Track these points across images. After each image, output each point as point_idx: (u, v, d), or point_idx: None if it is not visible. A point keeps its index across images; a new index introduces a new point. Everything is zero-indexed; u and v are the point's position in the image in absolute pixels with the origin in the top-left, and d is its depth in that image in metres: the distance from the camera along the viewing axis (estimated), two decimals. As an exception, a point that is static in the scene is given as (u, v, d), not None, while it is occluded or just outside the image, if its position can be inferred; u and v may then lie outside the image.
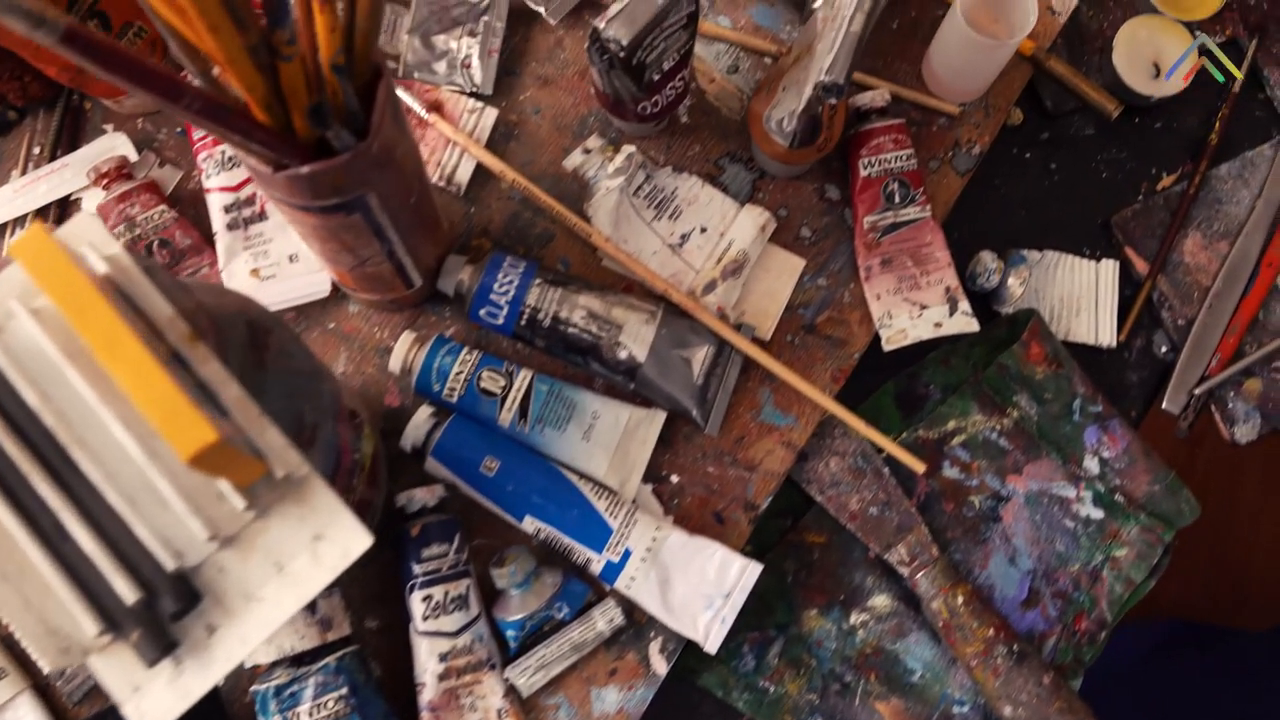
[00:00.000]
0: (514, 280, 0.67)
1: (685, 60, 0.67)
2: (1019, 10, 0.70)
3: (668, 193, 0.72)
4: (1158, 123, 0.80)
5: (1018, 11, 0.70)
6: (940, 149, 0.75)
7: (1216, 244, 0.78)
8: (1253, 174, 0.79)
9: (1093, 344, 0.76)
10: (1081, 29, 0.80)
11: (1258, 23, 0.81)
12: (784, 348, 0.71)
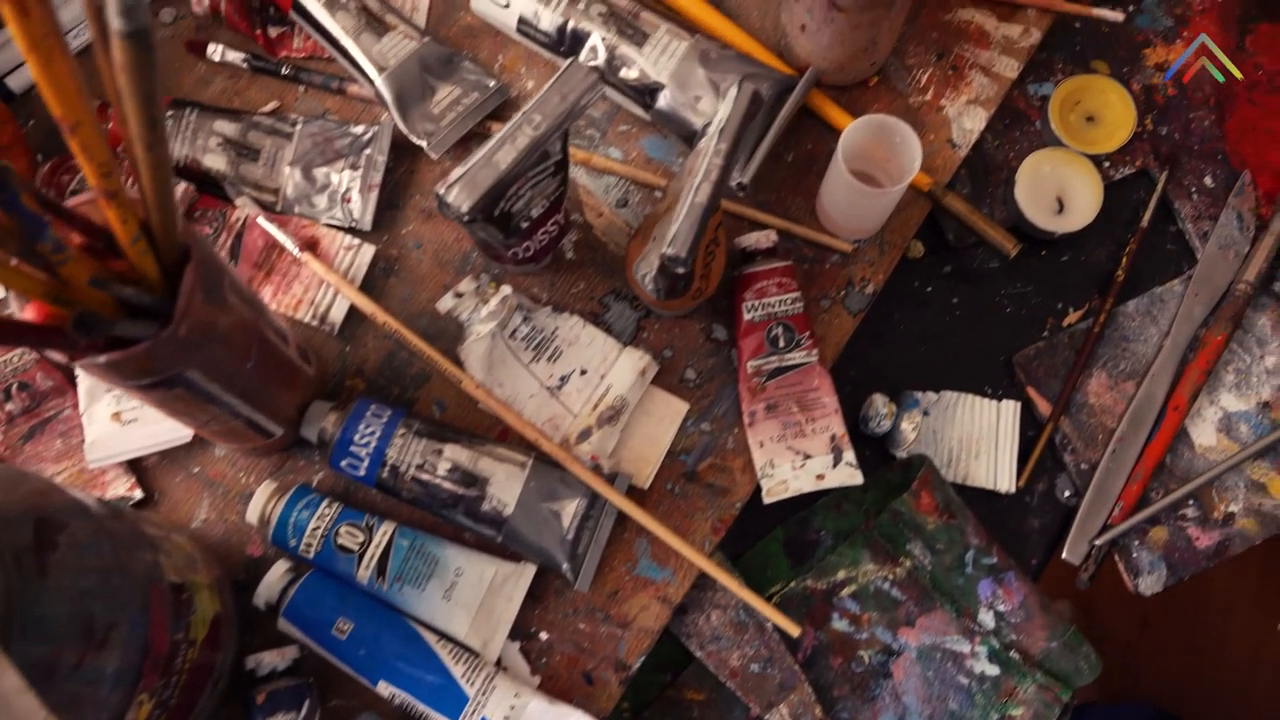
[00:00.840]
0: (376, 431, 0.65)
1: (558, 204, 0.66)
2: (905, 154, 0.68)
3: (547, 333, 0.70)
4: (1065, 256, 0.78)
5: (904, 155, 0.68)
6: (832, 287, 0.73)
7: (1122, 384, 0.75)
8: (1161, 311, 0.76)
9: (992, 489, 0.73)
10: (986, 160, 0.78)
11: (1168, 154, 0.79)
12: (663, 496, 0.69)
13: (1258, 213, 0.78)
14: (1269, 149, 0.79)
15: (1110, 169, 0.78)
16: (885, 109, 0.77)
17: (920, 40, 0.78)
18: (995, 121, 0.79)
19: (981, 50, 0.78)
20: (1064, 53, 0.81)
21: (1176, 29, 0.81)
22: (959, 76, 0.77)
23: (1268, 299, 0.77)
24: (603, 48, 0.71)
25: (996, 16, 0.79)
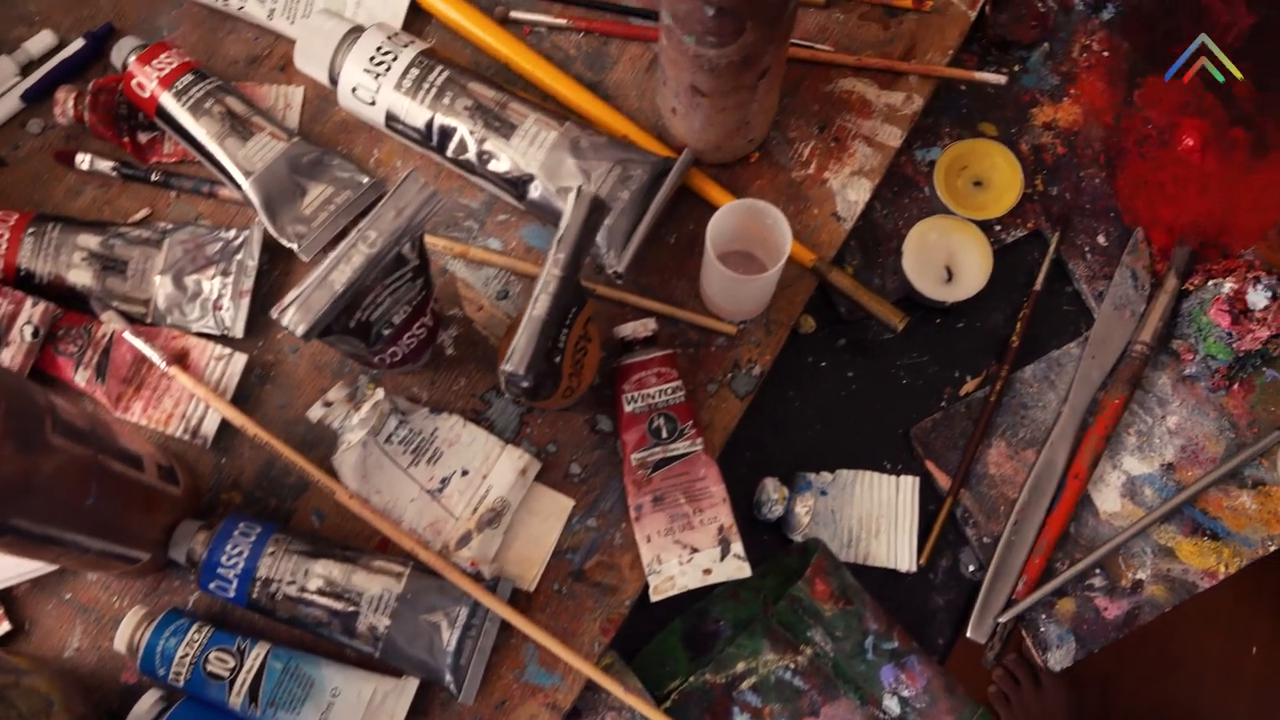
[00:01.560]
0: (244, 550, 0.63)
1: (423, 307, 0.64)
2: (777, 236, 0.67)
3: (426, 435, 0.69)
4: (960, 322, 0.77)
5: (776, 237, 0.67)
6: (719, 371, 0.72)
7: (1023, 453, 0.74)
8: (1059, 375, 0.75)
9: (893, 568, 0.72)
10: (876, 229, 0.77)
11: (1060, 215, 0.78)
12: (550, 598, 0.67)
13: (1152, 269, 0.76)
14: (1160, 204, 0.78)
15: (1002, 232, 0.77)
16: (768, 184, 0.76)
17: (801, 113, 0.77)
18: (884, 189, 0.78)
19: (864, 120, 0.77)
20: (951, 116, 0.80)
21: (1063, 87, 0.80)
22: (842, 148, 0.76)
23: (1167, 357, 0.76)
24: (471, 141, 0.70)
25: (878, 85, 0.78)
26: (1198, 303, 0.74)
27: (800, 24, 0.79)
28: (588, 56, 0.78)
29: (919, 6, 0.79)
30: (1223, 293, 0.73)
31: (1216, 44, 0.81)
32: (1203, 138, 0.78)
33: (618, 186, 0.70)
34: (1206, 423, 0.74)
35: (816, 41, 0.79)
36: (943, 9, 0.79)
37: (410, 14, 0.78)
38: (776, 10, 0.60)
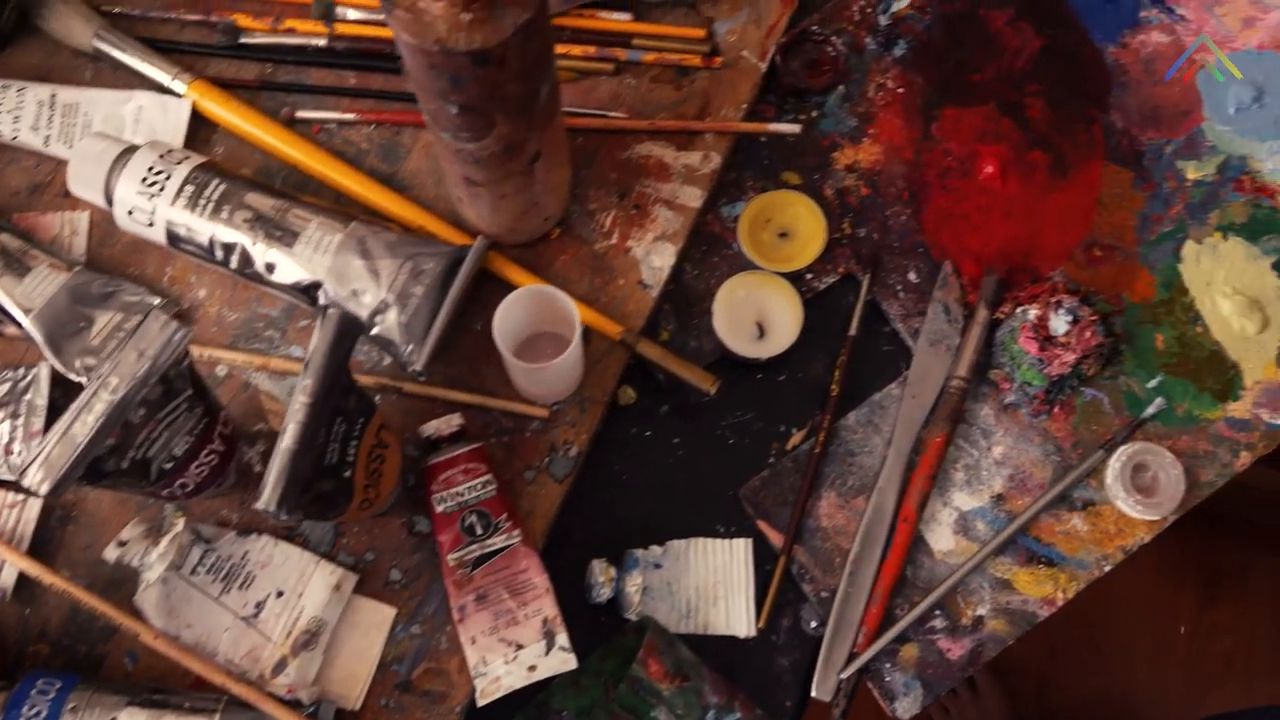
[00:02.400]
0: (42, 711, 0.60)
1: (208, 433, 0.63)
2: (567, 317, 0.66)
3: (237, 559, 0.67)
4: (781, 375, 0.76)
5: (567, 318, 0.66)
6: (535, 456, 0.71)
7: (853, 501, 0.73)
8: (883, 418, 0.75)
9: (733, 634, 0.71)
10: (688, 291, 0.77)
11: (870, 256, 0.78)
12: (378, 714, 0.66)
13: (965, 301, 0.77)
14: (966, 234, 0.78)
15: (814, 280, 0.77)
16: (571, 259, 0.75)
17: (600, 183, 0.77)
18: (693, 250, 0.78)
19: (663, 184, 0.77)
20: (753, 169, 0.80)
21: (862, 128, 0.81)
22: (643, 214, 0.76)
23: (986, 388, 0.76)
24: (254, 253, 0.69)
25: (675, 146, 0.78)
26: (1009, 331, 0.75)
27: (592, 93, 0.79)
28: (381, 149, 0.77)
29: (709, 64, 0.79)
30: (1028, 320, 0.73)
31: (1007, 68, 0.82)
32: (1002, 163, 0.79)
33: (410, 282, 0.69)
34: (1031, 449, 0.74)
35: (609, 109, 0.78)
36: (733, 64, 0.80)
37: (196, 124, 0.76)
38: (524, 102, 0.60)
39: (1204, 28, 0.83)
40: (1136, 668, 1.66)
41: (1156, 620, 1.68)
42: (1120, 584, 1.67)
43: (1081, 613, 1.64)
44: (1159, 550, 1.72)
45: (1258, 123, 0.81)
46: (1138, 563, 1.76)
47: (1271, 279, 0.77)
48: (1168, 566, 1.71)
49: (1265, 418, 0.75)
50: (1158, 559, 1.71)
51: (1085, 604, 1.66)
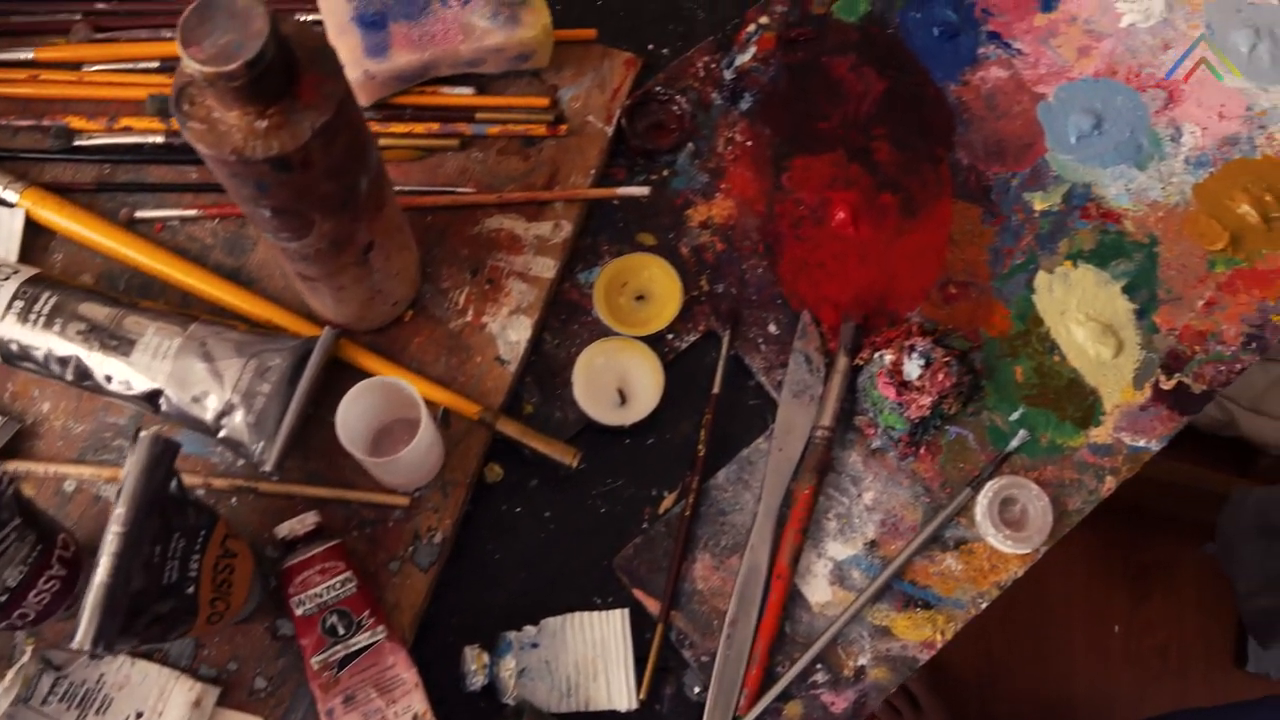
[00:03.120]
0: None
1: (45, 559, 0.61)
2: (411, 402, 0.65)
3: (91, 683, 0.65)
4: (649, 439, 0.76)
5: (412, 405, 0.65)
6: (399, 546, 0.70)
7: (727, 561, 0.73)
8: (752, 474, 0.75)
9: (615, 709, 0.70)
10: (550, 361, 0.76)
11: (729, 311, 0.78)
12: (248, 830, 0.64)
13: (825, 350, 0.77)
14: (823, 282, 0.79)
15: (676, 340, 0.77)
16: (426, 340, 0.74)
17: (452, 260, 0.76)
18: (552, 319, 0.77)
19: (516, 256, 0.76)
20: (608, 233, 0.80)
21: (714, 184, 0.81)
22: (497, 289, 0.75)
23: (853, 434, 0.76)
24: (91, 365, 0.67)
25: (525, 218, 0.77)
26: (868, 377, 0.75)
27: (439, 170, 0.78)
28: (225, 242, 0.76)
29: (555, 132, 0.79)
30: (885, 365, 0.73)
31: (853, 113, 0.83)
32: (853, 209, 0.80)
33: (256, 381, 0.68)
34: (901, 492, 0.75)
35: (457, 185, 0.78)
36: (580, 130, 0.80)
37: (33, 232, 0.75)
38: (342, 198, 0.59)
39: (1040, 60, 0.84)
40: (1076, 670, 1.68)
41: (1092, 621, 1.70)
42: (1054, 588, 1.69)
43: (1019, 620, 1.66)
44: (1089, 552, 1.75)
45: (1099, 149, 0.82)
46: (1070, 566, 1.79)
47: (1123, 303, 0.79)
48: (1098, 568, 1.73)
49: (1127, 441, 0.76)
50: (1088, 561, 1.73)
51: (1022, 612, 1.68)
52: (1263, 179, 0.82)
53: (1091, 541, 1.71)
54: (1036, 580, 1.75)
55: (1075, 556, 1.71)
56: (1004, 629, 1.68)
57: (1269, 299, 0.79)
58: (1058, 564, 1.71)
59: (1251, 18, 0.85)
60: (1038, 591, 1.69)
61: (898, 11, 0.86)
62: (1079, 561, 1.72)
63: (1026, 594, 1.69)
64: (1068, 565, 1.71)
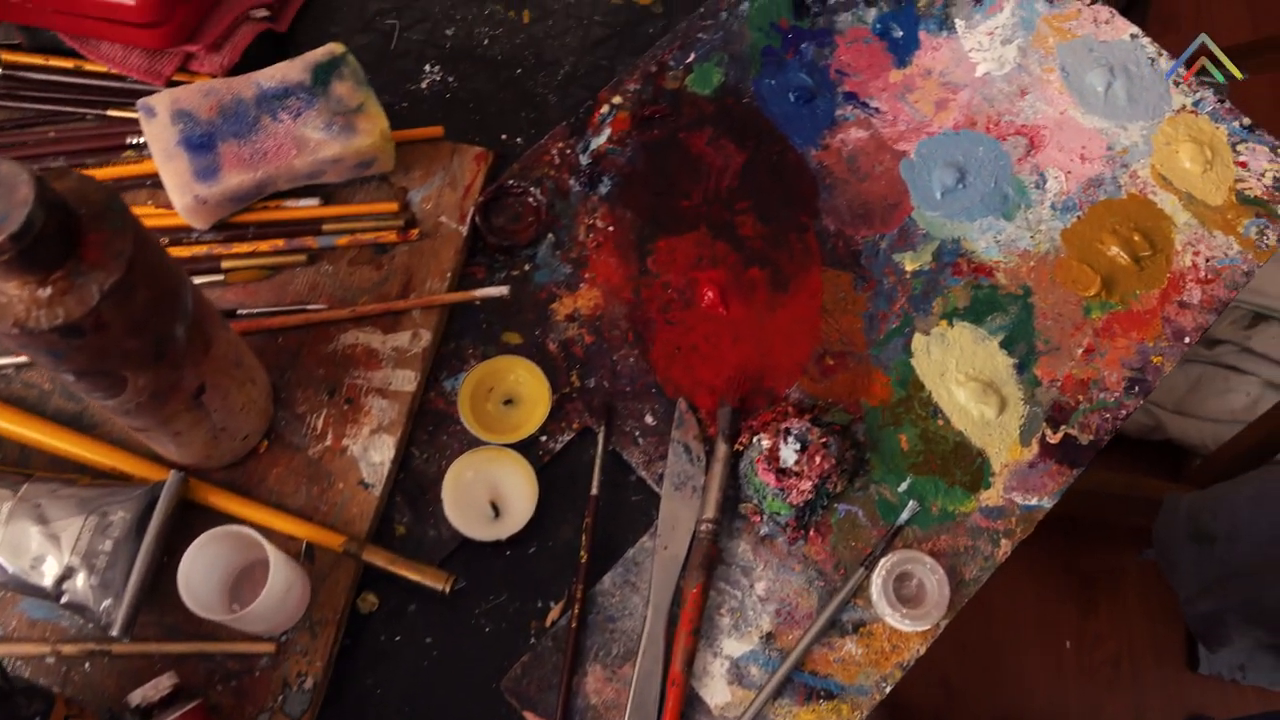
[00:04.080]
0: None
1: None
2: (258, 548, 0.61)
3: None
4: (531, 547, 0.73)
5: (263, 550, 0.62)
6: (268, 696, 0.66)
7: (620, 670, 0.70)
8: (639, 575, 0.72)
9: (513, 844, 0.66)
10: (420, 478, 0.73)
11: (603, 406, 0.75)
12: None
13: (705, 437, 0.75)
14: (698, 366, 0.76)
15: (549, 441, 0.74)
16: (285, 470, 0.71)
17: (307, 382, 0.73)
18: (419, 433, 0.74)
19: (374, 372, 0.73)
20: (472, 336, 0.77)
21: (577, 274, 0.79)
22: (357, 408, 0.72)
23: (740, 523, 0.73)
24: (-85, 541, 0.63)
25: (382, 330, 0.74)
26: (749, 463, 0.73)
27: (289, 287, 0.75)
28: (64, 387, 0.72)
29: (407, 237, 0.76)
30: (762, 450, 0.71)
31: (714, 188, 0.81)
32: (722, 287, 0.78)
33: (97, 539, 0.64)
34: (794, 578, 0.72)
35: (308, 301, 0.75)
36: (433, 232, 0.77)
37: None
38: (155, 350, 0.56)
39: (899, 117, 0.83)
40: (1032, 689, 1.67)
41: (1043, 639, 1.70)
42: (1002, 609, 1.68)
43: (971, 646, 1.65)
44: (1033, 568, 1.74)
45: (965, 202, 0.81)
46: (1015, 585, 1.78)
47: (1002, 358, 0.77)
48: (1043, 583, 1.73)
49: (1019, 500, 0.74)
50: (1033, 577, 1.73)
51: (973, 636, 1.67)
52: (1130, 218, 0.81)
53: (1034, 556, 1.70)
54: (984, 603, 1.74)
55: (1020, 574, 1.71)
56: (958, 656, 1.67)
57: (1147, 340, 0.78)
58: (1003, 584, 1.70)
59: (1104, 56, 0.85)
60: (986, 614, 1.69)
61: (752, 80, 0.84)
62: (1024, 579, 1.72)
63: (976, 617, 1.68)
64: (1013, 584, 1.71)
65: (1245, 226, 0.81)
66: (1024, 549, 0.73)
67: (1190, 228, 0.81)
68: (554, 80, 0.85)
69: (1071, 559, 1.74)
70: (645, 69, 0.84)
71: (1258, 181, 0.82)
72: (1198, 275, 0.80)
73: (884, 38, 0.85)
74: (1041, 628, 1.70)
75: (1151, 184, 0.82)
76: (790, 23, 0.86)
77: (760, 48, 0.85)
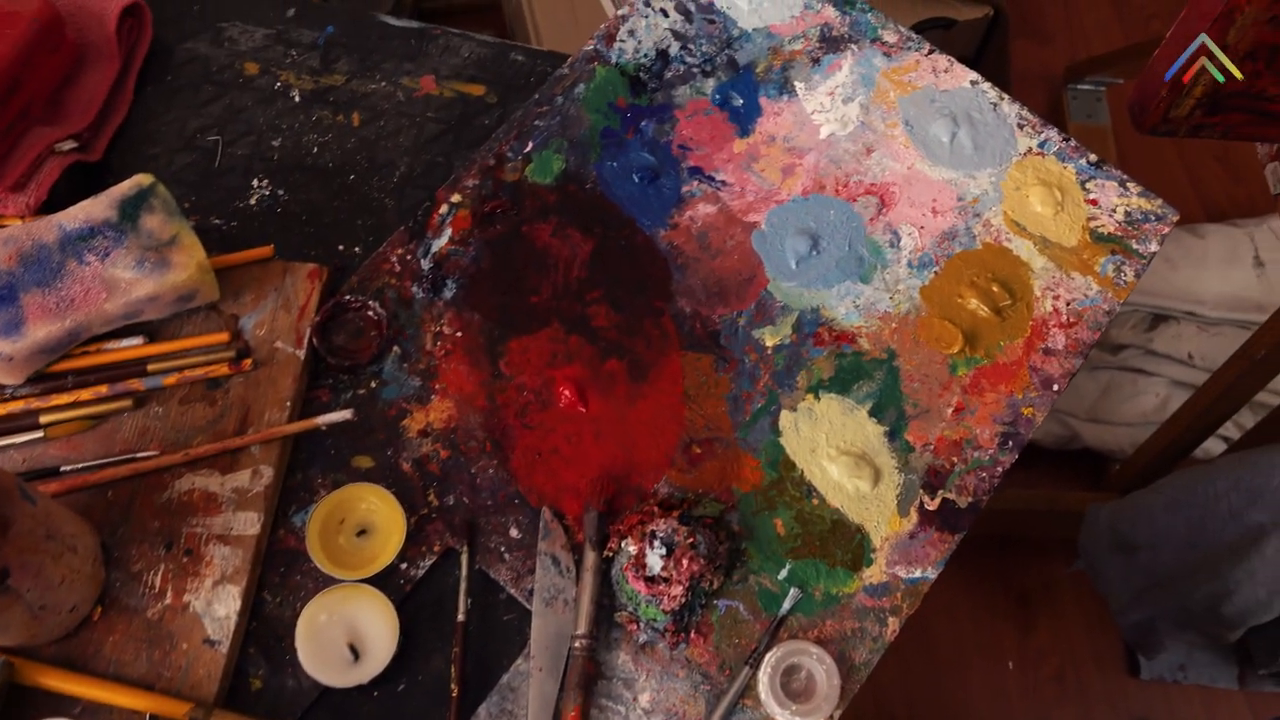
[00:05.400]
0: None
1: None
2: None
3: None
4: (400, 684, 0.69)
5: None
6: None
7: (503, 809, 0.66)
8: (516, 702, 0.68)
9: None
10: (274, 624, 0.69)
11: (464, 524, 0.72)
12: None
13: (573, 545, 0.71)
14: (561, 470, 0.73)
15: (410, 568, 0.71)
16: (122, 637, 0.66)
17: (141, 537, 0.68)
18: (270, 575, 0.70)
19: (214, 517, 0.69)
20: (320, 464, 0.73)
21: (428, 386, 0.75)
22: (197, 560, 0.68)
23: (618, 631, 0.70)
24: None
25: (219, 471, 0.70)
26: (619, 569, 0.69)
27: (116, 435, 0.71)
28: (-126, 572, 0.66)
29: (241, 369, 0.72)
30: (630, 556, 0.68)
31: (564, 281, 0.78)
32: (579, 384, 0.75)
33: (-91, 745, 0.58)
34: (679, 685, 0.69)
35: (139, 449, 0.70)
36: (269, 360, 0.73)
37: None
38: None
39: (746, 187, 0.82)
40: (980, 715, 1.66)
41: (986, 664, 1.69)
42: (942, 634, 1.67)
43: (915, 674, 1.63)
44: (968, 590, 1.73)
45: (820, 269, 0.80)
46: (953, 608, 1.77)
47: (872, 427, 0.75)
48: (980, 605, 1.72)
49: (902, 574, 0.72)
50: (969, 600, 1.72)
51: (916, 665, 1.65)
52: (987, 268, 0.80)
53: (969, 580, 1.69)
54: (924, 629, 1.74)
55: (957, 598, 1.70)
56: (902, 687, 1.65)
57: (1015, 392, 0.77)
58: (941, 608, 1.70)
59: (946, 106, 0.84)
60: (927, 641, 1.67)
61: (594, 164, 0.82)
62: (961, 602, 1.71)
63: (917, 645, 1.67)
64: (950, 608, 1.70)
65: (1102, 265, 0.80)
66: (959, 573, 0.71)
67: (1048, 272, 0.80)
68: (390, 183, 0.82)
69: (1006, 578, 1.73)
70: (483, 163, 0.81)
71: (1110, 218, 0.82)
72: (1060, 320, 0.79)
73: (724, 108, 0.84)
74: (983, 650, 1.69)
75: (1005, 231, 0.81)
76: (628, 101, 0.84)
77: (599, 129, 0.83)
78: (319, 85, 0.84)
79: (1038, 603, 1.73)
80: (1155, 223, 0.82)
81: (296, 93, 0.84)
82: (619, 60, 0.85)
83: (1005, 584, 1.73)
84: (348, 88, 0.84)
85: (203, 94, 0.83)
